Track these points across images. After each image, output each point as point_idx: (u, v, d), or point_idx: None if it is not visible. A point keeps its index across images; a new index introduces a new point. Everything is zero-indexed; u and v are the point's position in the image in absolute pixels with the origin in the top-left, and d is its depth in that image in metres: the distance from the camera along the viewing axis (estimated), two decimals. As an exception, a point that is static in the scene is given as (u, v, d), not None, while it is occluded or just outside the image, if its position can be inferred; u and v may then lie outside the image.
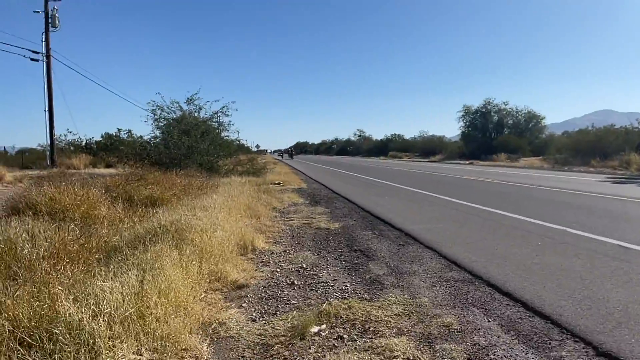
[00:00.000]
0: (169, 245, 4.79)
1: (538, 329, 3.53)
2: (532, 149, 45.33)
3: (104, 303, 3.21)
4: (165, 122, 17.42)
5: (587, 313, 3.75)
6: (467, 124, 53.55)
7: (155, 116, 17.54)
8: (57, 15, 22.50)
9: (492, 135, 51.85)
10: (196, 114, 18.18)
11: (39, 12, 21.92)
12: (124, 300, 3.34)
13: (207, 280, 4.74)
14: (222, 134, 19.22)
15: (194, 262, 4.64)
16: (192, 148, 14.80)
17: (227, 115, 18.49)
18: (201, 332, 3.62)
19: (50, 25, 22.01)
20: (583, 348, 3.19)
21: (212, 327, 3.78)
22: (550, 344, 3.27)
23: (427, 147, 62.64)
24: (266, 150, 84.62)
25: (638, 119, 32.06)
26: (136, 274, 3.79)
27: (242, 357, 3.27)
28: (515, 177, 20.34)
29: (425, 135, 72.29)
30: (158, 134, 17.24)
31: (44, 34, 21.90)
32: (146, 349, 3.13)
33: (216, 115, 18.88)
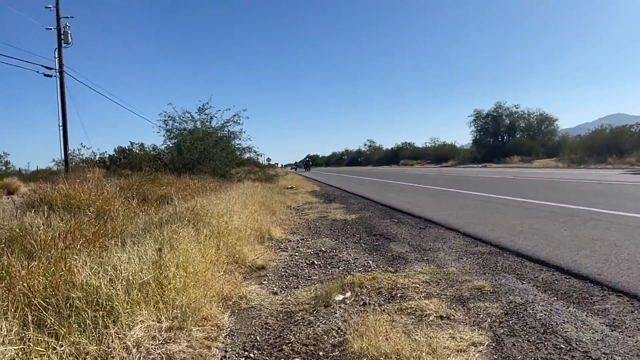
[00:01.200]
0: (185, 224, 4.68)
1: (577, 288, 3.33)
2: (546, 151, 44.76)
3: (122, 270, 3.11)
4: (177, 132, 17.47)
5: (627, 272, 3.55)
6: (479, 128, 53.24)
7: (167, 127, 17.61)
8: (69, 32, 22.80)
9: (504, 139, 51.44)
10: (208, 124, 18.22)
11: (51, 29, 22.25)
12: (142, 270, 3.22)
13: (225, 261, 4.60)
14: (234, 142, 19.20)
15: (211, 241, 4.52)
16: (205, 152, 14.76)
17: (239, 123, 18.47)
18: (222, 305, 3.48)
19: (62, 41, 22.30)
20: (628, 300, 2.99)
21: (233, 300, 3.64)
22: (592, 299, 3.08)
23: (439, 154, 62.17)
24: (277, 164, 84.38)
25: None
26: (153, 246, 3.68)
27: (266, 324, 3.13)
28: (531, 174, 20.02)
29: (436, 142, 71.74)
30: (171, 144, 17.30)
31: (56, 50, 22.20)
32: (166, 317, 3.00)
33: (228, 124, 18.86)
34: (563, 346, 2.37)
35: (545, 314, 2.84)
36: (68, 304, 2.74)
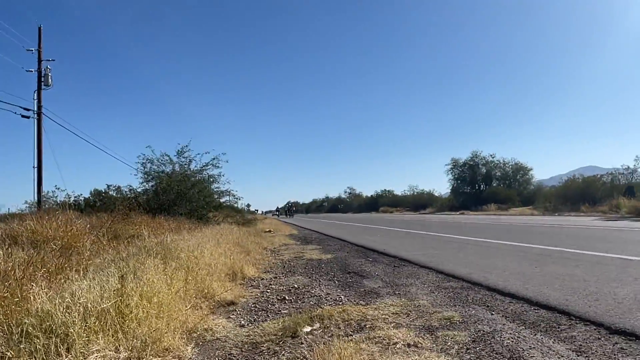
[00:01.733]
0: (153, 256, 4.56)
1: (545, 318, 3.32)
2: (522, 199, 45.50)
3: (80, 297, 3.00)
4: (155, 175, 17.29)
5: (595, 304, 3.56)
6: (456, 176, 54.11)
7: (145, 169, 17.43)
8: (50, 74, 22.86)
9: (481, 187, 52.31)
10: (186, 166, 18.11)
11: (32, 71, 22.28)
12: (102, 298, 3.11)
13: (193, 295, 4.47)
14: (213, 185, 19.06)
15: (179, 275, 4.40)
16: (181, 194, 14.60)
17: (218, 167, 18.40)
18: (186, 337, 3.36)
19: (43, 83, 22.31)
20: (594, 329, 2.99)
21: (198, 332, 3.52)
22: (559, 328, 3.07)
23: (418, 202, 62.69)
24: (257, 210, 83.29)
25: (622, 165, 32.71)
26: (117, 274, 3.57)
27: (229, 354, 3.02)
28: (507, 220, 20.30)
29: (415, 190, 72.46)
30: (148, 187, 17.07)
31: (36, 92, 22.15)
32: (125, 347, 2.87)
33: (207, 167, 18.77)
34: (528, 369, 2.34)
35: (512, 341, 2.81)
36: (20, 330, 2.62)
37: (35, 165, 22.16)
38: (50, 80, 22.90)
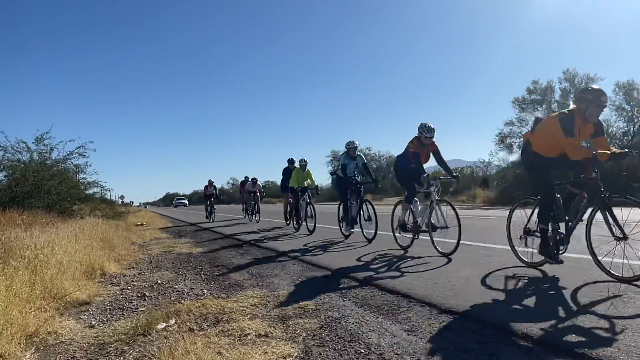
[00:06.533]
0: (-11, 256, 4.12)
1: (389, 302, 3.63)
2: (395, 190, 48.67)
3: None
4: (8, 164, 15.40)
5: (433, 287, 3.97)
6: (336, 168, 56.16)
7: (-4, 157, 15.41)
8: None
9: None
10: (47, 155, 16.39)
11: None
12: None
13: (40, 296, 4.12)
14: (78, 176, 17.54)
15: (22, 276, 4.02)
16: (39, 185, 13.21)
17: (85, 156, 16.87)
18: (24, 342, 3.10)
19: None
20: (428, 310, 3.33)
21: (40, 337, 3.27)
22: (399, 310, 3.37)
23: (300, 192, 63.94)
24: (131, 203, 76.40)
25: (479, 159, 36.45)
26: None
27: (73, 358, 2.86)
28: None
29: (297, 181, 73.54)
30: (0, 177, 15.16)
31: None
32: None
33: (71, 156, 17.13)
34: (363, 350, 2.55)
35: (355, 325, 3.04)
36: None
37: None
38: None
